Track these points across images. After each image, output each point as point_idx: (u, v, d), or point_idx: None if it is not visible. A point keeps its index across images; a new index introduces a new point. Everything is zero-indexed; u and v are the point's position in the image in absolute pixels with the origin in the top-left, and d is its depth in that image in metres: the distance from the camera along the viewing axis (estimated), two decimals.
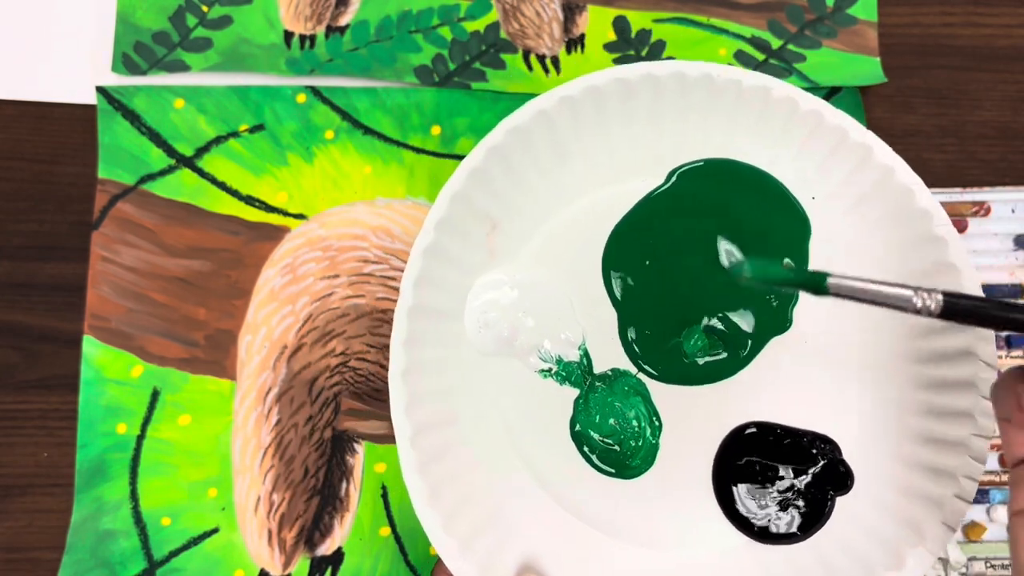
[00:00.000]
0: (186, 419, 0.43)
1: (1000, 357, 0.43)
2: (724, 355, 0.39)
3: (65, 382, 0.44)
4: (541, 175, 0.40)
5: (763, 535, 0.38)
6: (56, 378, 0.44)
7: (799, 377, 0.39)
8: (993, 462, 0.43)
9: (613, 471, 0.39)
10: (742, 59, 0.46)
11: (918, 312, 0.27)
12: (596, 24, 0.47)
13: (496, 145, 0.38)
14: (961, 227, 0.44)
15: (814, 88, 0.46)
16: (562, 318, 0.39)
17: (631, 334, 0.39)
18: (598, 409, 0.39)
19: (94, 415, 0.43)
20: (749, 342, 0.39)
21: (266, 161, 0.45)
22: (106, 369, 0.44)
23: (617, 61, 0.46)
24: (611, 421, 0.39)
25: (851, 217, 0.39)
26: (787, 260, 0.37)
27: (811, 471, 0.38)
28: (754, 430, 0.38)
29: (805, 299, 0.39)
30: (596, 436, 0.39)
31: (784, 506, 0.38)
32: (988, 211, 0.44)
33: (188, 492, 0.43)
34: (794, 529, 0.37)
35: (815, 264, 0.39)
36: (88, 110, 0.46)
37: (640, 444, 0.39)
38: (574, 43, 0.47)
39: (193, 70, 0.46)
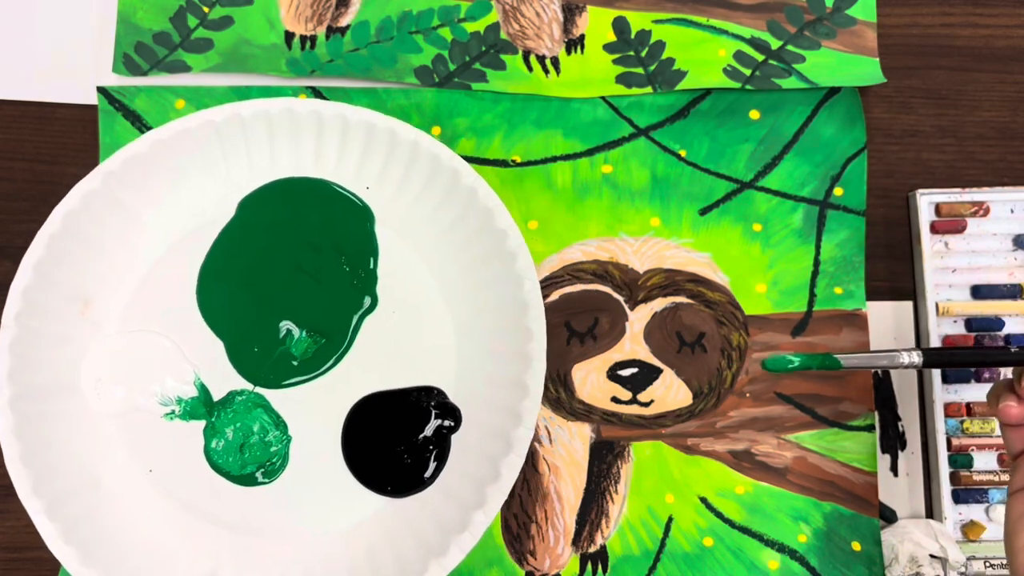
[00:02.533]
0: None
1: None
2: (324, 341, 0.42)
3: None
4: (117, 240, 0.42)
5: (397, 490, 0.41)
6: None
7: (399, 344, 0.43)
8: (992, 462, 0.43)
9: (257, 480, 0.42)
10: (741, 59, 0.46)
11: (906, 368, 0.38)
12: (596, 25, 0.47)
13: (55, 233, 0.40)
14: (960, 227, 0.44)
15: (814, 88, 0.46)
16: (172, 362, 0.42)
17: (240, 355, 0.43)
18: (225, 431, 0.42)
19: None
20: (346, 329, 0.43)
21: None
22: None
23: (617, 62, 0.46)
24: (240, 437, 0.42)
25: (411, 198, 0.43)
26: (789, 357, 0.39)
27: (431, 420, 0.42)
28: (369, 403, 0.42)
29: (383, 276, 0.43)
30: (231, 455, 0.42)
31: (421, 458, 0.41)
32: (987, 211, 0.44)
33: None
34: (429, 474, 0.41)
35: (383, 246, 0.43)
36: (89, 110, 0.46)
37: (274, 449, 0.42)
38: (574, 44, 0.47)
39: (194, 71, 0.46)
